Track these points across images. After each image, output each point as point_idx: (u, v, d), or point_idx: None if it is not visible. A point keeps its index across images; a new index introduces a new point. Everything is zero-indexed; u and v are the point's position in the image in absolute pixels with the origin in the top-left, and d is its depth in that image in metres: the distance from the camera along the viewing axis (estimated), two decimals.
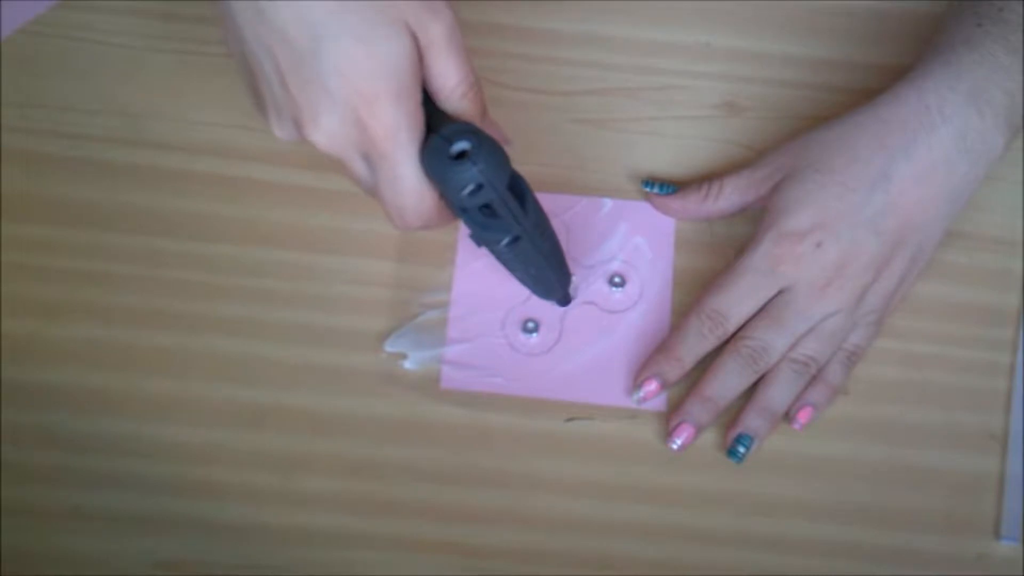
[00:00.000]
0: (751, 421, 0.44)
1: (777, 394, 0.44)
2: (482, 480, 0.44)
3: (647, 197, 0.49)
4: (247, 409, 0.45)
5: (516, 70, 0.51)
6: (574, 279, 0.47)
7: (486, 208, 0.38)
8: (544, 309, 0.47)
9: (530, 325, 0.46)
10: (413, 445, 0.45)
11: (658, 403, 0.45)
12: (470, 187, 0.36)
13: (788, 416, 0.45)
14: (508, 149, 0.38)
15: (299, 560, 0.43)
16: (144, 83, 0.51)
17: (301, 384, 0.46)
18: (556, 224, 0.48)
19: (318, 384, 0.46)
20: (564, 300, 0.46)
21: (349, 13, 0.35)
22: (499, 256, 0.42)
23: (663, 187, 0.48)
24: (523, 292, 0.47)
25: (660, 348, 0.45)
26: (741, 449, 0.44)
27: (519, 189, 0.39)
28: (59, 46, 0.51)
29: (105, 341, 0.46)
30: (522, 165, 0.49)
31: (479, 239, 0.40)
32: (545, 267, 0.43)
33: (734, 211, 0.47)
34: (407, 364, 0.46)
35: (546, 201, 0.48)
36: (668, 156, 0.50)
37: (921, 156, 0.43)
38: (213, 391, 0.45)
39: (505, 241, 0.40)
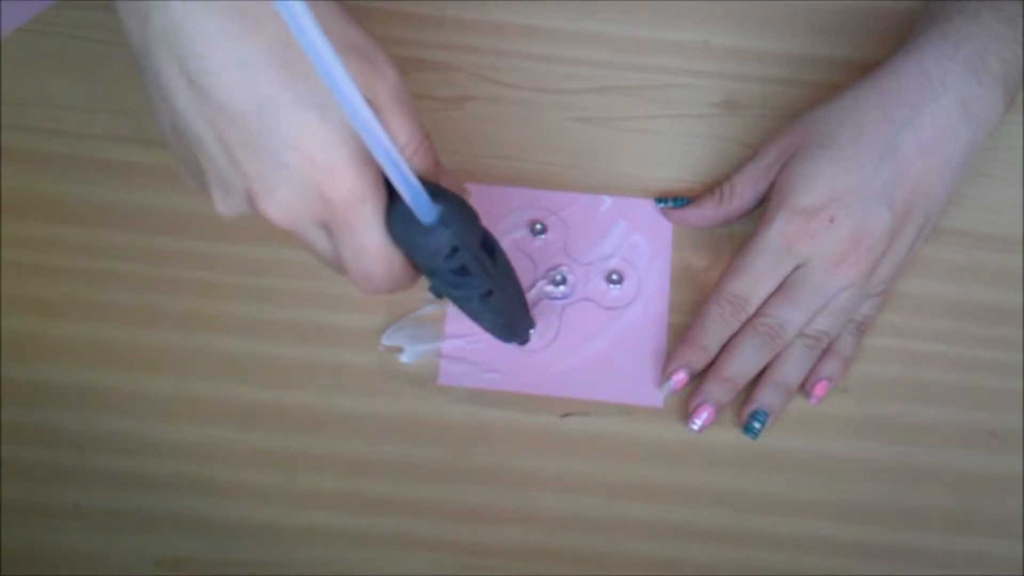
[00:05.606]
0: (765, 397, 0.44)
1: (790, 369, 0.44)
2: (480, 476, 0.44)
3: (664, 213, 0.48)
4: (247, 407, 0.45)
5: (516, 68, 0.51)
6: (571, 277, 0.47)
7: (459, 268, 0.37)
8: (542, 305, 0.47)
9: None
10: (411, 442, 0.45)
11: (655, 400, 0.45)
12: (445, 251, 0.35)
13: (805, 391, 0.45)
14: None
15: (298, 558, 0.43)
16: (144, 81, 0.51)
17: (301, 382, 0.46)
18: (555, 221, 0.48)
19: (317, 382, 0.46)
20: (524, 341, 0.46)
21: (298, 81, 0.32)
22: (468, 310, 0.40)
23: (676, 200, 0.48)
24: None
25: (685, 339, 0.45)
26: (756, 425, 0.44)
27: (489, 244, 0.38)
28: (59, 45, 0.51)
29: (105, 339, 0.46)
30: (522, 163, 0.49)
31: (444, 294, 0.39)
32: (513, 315, 0.42)
33: (752, 206, 0.47)
34: (403, 358, 0.46)
35: (545, 198, 0.49)
36: (668, 154, 0.50)
37: (925, 125, 0.43)
38: (213, 389, 0.45)
39: (477, 297, 0.38)
